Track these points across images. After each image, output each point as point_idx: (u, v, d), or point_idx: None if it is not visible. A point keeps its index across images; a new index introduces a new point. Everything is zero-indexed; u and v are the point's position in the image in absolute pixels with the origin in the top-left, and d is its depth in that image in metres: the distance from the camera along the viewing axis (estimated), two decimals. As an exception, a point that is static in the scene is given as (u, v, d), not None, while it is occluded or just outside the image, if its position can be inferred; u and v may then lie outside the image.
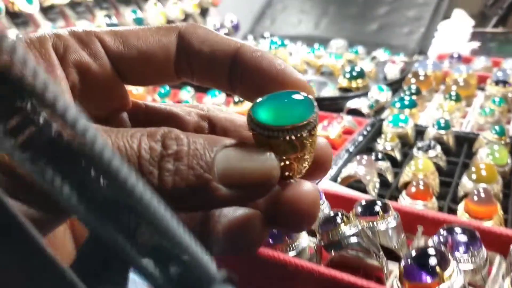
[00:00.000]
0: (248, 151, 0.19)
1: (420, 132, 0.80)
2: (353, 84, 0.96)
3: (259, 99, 0.21)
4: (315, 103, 0.21)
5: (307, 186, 0.21)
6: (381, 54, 1.22)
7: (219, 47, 0.23)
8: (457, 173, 0.68)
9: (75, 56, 0.22)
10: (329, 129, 0.79)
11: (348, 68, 0.97)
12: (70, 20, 1.11)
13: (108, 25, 1.11)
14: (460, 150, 0.76)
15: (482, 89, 1.01)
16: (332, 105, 0.92)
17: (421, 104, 0.92)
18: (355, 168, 0.62)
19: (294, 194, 0.21)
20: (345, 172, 0.63)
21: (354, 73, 0.96)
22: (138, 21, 1.16)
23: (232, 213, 0.22)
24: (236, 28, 1.41)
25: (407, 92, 0.93)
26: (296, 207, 0.21)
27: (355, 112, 0.89)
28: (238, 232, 0.22)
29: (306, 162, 0.22)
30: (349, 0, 1.45)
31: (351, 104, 0.89)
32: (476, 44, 1.19)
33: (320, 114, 0.91)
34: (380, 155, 0.67)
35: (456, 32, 1.17)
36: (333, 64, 1.08)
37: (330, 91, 0.93)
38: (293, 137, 0.20)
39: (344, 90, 0.97)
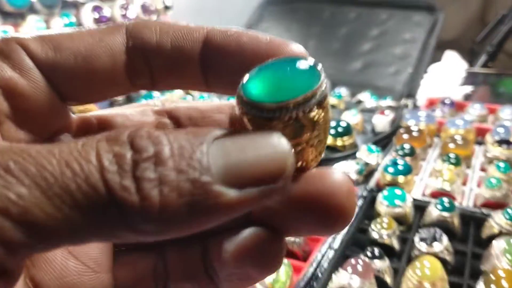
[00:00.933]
0: (248, 138, 0.15)
1: (419, 207, 0.70)
2: (339, 142, 0.85)
3: (248, 74, 0.17)
4: (320, 66, 0.17)
5: (336, 173, 0.17)
6: (366, 97, 1.11)
7: (183, 37, 0.19)
8: (468, 269, 0.58)
9: None
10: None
11: (333, 123, 0.86)
12: None
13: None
14: (466, 233, 0.65)
15: (480, 143, 0.91)
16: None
17: (416, 166, 0.82)
18: (348, 279, 0.50)
19: (325, 186, 0.17)
20: (336, 282, 0.51)
21: (340, 129, 0.85)
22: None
23: (237, 237, 0.18)
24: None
25: (400, 152, 0.83)
26: (331, 201, 0.16)
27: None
28: (253, 257, 0.18)
29: (322, 145, 0.18)
30: (330, 34, 1.35)
31: (335, 167, 0.78)
32: (468, 88, 1.10)
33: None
34: (377, 252, 0.56)
35: (447, 75, 1.08)
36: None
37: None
38: (300, 114, 0.16)
39: (328, 148, 0.86)
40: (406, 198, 0.68)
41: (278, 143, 0.15)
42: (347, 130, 0.85)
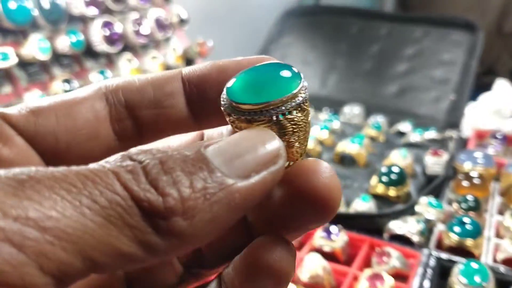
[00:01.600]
0: (236, 135, 0.16)
1: (503, 283, 0.59)
2: (392, 192, 0.73)
3: (231, 80, 0.19)
4: (297, 70, 0.18)
5: (323, 167, 0.17)
6: (406, 128, 1.00)
7: (163, 81, 0.21)
8: None
9: None
10: (377, 284, 0.56)
11: (384, 169, 0.75)
12: (19, 84, 0.85)
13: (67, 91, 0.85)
14: None
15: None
16: (365, 224, 0.69)
17: (482, 222, 0.71)
18: None
19: (315, 181, 0.17)
20: None
21: (393, 177, 0.74)
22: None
23: (246, 250, 0.18)
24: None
25: (463, 206, 0.71)
26: (322, 196, 0.17)
27: (398, 237, 0.67)
28: (266, 271, 0.18)
29: (303, 147, 0.19)
30: (360, 52, 1.23)
31: (395, 227, 0.67)
32: (520, 120, 0.99)
33: (353, 237, 0.66)
34: None
35: (497, 104, 0.97)
36: (357, 151, 0.85)
37: (362, 204, 0.70)
38: (279, 116, 0.17)
39: (378, 197, 0.75)
40: (488, 275, 0.56)
41: (263, 131, 0.16)
42: (402, 178, 0.74)
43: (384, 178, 0.74)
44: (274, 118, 0.17)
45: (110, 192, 0.13)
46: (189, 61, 1.15)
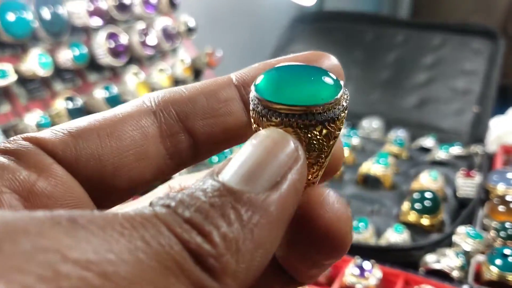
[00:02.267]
0: (243, 149, 0.15)
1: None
2: (425, 221, 0.68)
3: (260, 77, 0.17)
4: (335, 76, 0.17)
5: (334, 201, 0.16)
6: (430, 143, 0.94)
7: (214, 88, 0.19)
8: None
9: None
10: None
11: (416, 195, 0.69)
12: (19, 102, 0.79)
13: (70, 110, 0.79)
14: None
15: None
16: (400, 257, 0.63)
17: (523, 253, 0.65)
18: None
19: (326, 216, 0.16)
20: None
21: (427, 203, 0.68)
22: (112, 100, 0.84)
23: None
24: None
25: (502, 234, 0.66)
26: (335, 231, 0.16)
27: (435, 271, 0.61)
28: None
29: (318, 170, 0.17)
30: (376, 61, 1.17)
31: (432, 261, 0.61)
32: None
33: (387, 272, 0.60)
34: None
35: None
36: (383, 172, 0.79)
37: (395, 235, 0.65)
38: (295, 125, 0.15)
39: (410, 225, 0.69)
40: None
41: (273, 131, 0.15)
42: (436, 205, 0.68)
43: (417, 205, 0.68)
44: (287, 124, 0.15)
45: (161, 235, 0.12)
46: (197, 72, 1.09)
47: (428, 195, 0.68)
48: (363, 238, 0.65)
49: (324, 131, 0.16)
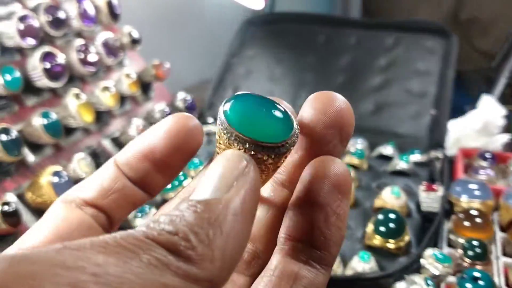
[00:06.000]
0: (212, 171, 0.17)
1: None
2: (391, 245, 0.65)
3: (227, 104, 0.20)
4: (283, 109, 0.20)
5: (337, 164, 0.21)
6: (389, 151, 0.92)
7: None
8: None
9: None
10: None
11: (380, 217, 0.66)
12: None
13: (4, 143, 0.71)
14: None
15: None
16: (368, 287, 0.61)
17: (490, 272, 0.64)
18: None
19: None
20: None
21: (392, 225, 0.65)
22: (51, 127, 0.77)
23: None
24: (191, 107, 1.05)
25: (470, 253, 0.64)
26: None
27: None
28: None
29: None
30: (330, 65, 1.14)
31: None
32: (505, 137, 0.93)
33: None
34: None
35: (482, 121, 0.91)
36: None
37: (362, 264, 0.62)
38: (264, 157, 0.19)
39: (375, 249, 0.66)
40: None
41: (228, 152, 0.18)
42: (401, 227, 0.65)
43: (382, 229, 0.65)
44: (263, 157, 0.19)
45: (143, 243, 0.14)
46: (145, 86, 1.03)
47: (392, 216, 0.66)
48: (329, 267, 0.61)
49: (272, 160, 0.19)
